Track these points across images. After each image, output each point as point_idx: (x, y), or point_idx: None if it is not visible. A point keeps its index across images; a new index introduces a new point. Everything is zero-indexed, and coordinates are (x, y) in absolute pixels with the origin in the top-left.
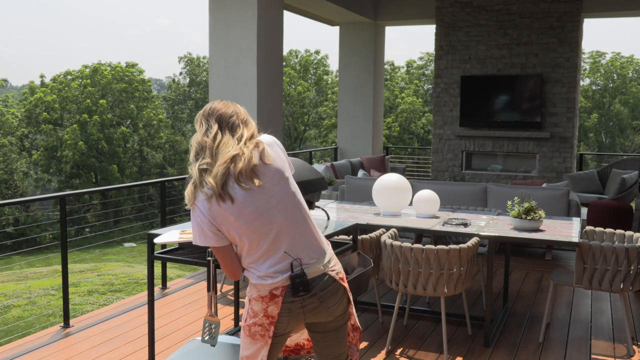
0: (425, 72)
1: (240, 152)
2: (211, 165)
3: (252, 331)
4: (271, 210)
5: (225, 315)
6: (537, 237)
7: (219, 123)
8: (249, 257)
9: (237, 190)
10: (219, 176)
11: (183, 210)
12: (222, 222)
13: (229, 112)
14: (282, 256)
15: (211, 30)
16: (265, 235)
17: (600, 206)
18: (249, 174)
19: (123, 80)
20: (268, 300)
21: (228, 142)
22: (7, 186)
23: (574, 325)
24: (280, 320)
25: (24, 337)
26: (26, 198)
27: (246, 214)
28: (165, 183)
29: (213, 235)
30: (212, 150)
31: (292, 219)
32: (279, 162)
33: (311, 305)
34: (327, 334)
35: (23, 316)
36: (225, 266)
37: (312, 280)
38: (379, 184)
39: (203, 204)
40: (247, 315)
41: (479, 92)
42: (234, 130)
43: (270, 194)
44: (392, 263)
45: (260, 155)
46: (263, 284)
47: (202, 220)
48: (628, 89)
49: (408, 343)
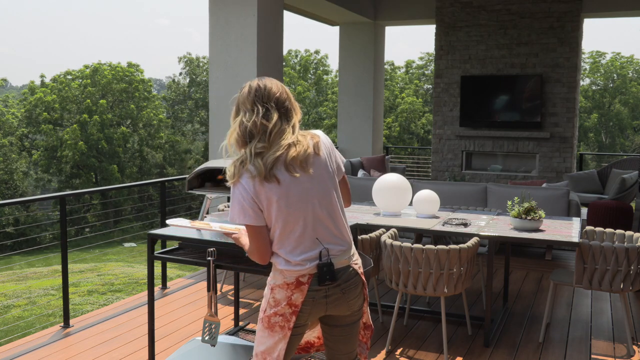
0: (425, 72)
1: (296, 140)
2: (266, 149)
3: (272, 322)
4: (310, 198)
5: (225, 315)
6: (537, 237)
7: (277, 108)
8: (280, 242)
9: (284, 174)
10: (270, 161)
11: (183, 210)
12: (264, 199)
13: (283, 97)
14: (312, 244)
15: (211, 30)
16: (300, 220)
17: (600, 206)
18: (302, 162)
19: (123, 80)
20: (294, 288)
21: (285, 129)
22: (7, 186)
23: (574, 325)
24: (302, 310)
25: (24, 337)
26: (26, 198)
27: (289, 196)
28: (165, 183)
29: (253, 214)
30: (271, 136)
31: (327, 210)
32: (327, 155)
33: (334, 295)
34: (342, 328)
35: (23, 316)
36: (257, 248)
37: (337, 271)
38: (379, 184)
39: (247, 181)
40: (267, 305)
41: (479, 92)
42: (288, 115)
43: (314, 182)
44: (392, 263)
45: (315, 146)
46: (291, 270)
47: (244, 197)
48: (628, 89)
49: (408, 343)
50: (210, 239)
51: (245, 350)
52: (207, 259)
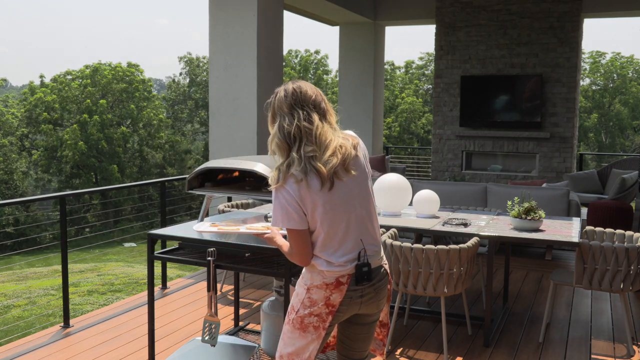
0: (425, 72)
1: (341, 144)
2: (316, 152)
3: (306, 323)
4: (352, 200)
5: (225, 315)
6: (537, 237)
7: (316, 110)
8: (323, 245)
9: (334, 179)
10: (332, 166)
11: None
12: (309, 204)
13: (319, 99)
14: (353, 245)
15: (211, 30)
16: (343, 222)
17: (600, 206)
18: (347, 166)
19: (123, 80)
20: (333, 288)
21: (328, 132)
22: (7, 186)
23: (574, 325)
24: (339, 310)
25: (24, 337)
26: (26, 198)
27: (334, 199)
28: (165, 183)
29: (298, 218)
30: (317, 138)
31: (366, 211)
32: (363, 157)
33: (368, 295)
34: (364, 326)
35: (23, 316)
36: (300, 251)
37: (373, 271)
38: (379, 184)
39: (292, 186)
40: (302, 306)
41: (479, 92)
42: (326, 117)
43: (355, 184)
44: (392, 263)
45: (354, 147)
46: (332, 271)
47: (289, 202)
48: (628, 89)
49: (408, 343)
50: (210, 239)
51: (245, 350)
52: (207, 259)
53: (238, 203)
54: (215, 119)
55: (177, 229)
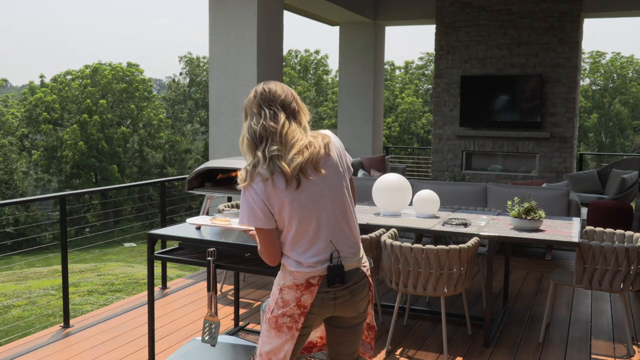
0: (425, 72)
1: (309, 142)
2: (282, 151)
3: (279, 323)
4: (323, 198)
5: (225, 315)
6: (537, 237)
7: (284, 110)
8: (293, 244)
9: (300, 177)
10: (296, 164)
11: (183, 210)
12: (276, 203)
13: (289, 98)
14: (324, 246)
15: (211, 30)
16: (313, 222)
17: (600, 206)
18: (315, 165)
19: (123, 80)
20: (303, 289)
21: (295, 131)
22: (7, 186)
23: (574, 325)
24: (311, 311)
25: (24, 337)
26: (26, 198)
27: (301, 198)
28: (165, 183)
29: (263, 217)
30: (282, 137)
31: (339, 211)
32: (337, 155)
33: (343, 297)
34: (346, 330)
35: (23, 316)
36: (267, 251)
37: (347, 273)
38: (379, 184)
39: (259, 185)
40: (275, 306)
41: (479, 92)
42: (296, 117)
43: (326, 183)
44: (392, 263)
45: (326, 146)
46: (302, 272)
47: (255, 200)
48: (628, 89)
49: (408, 343)
50: (210, 239)
51: (245, 350)
52: (207, 259)
53: (238, 203)
54: (215, 119)
55: (177, 229)
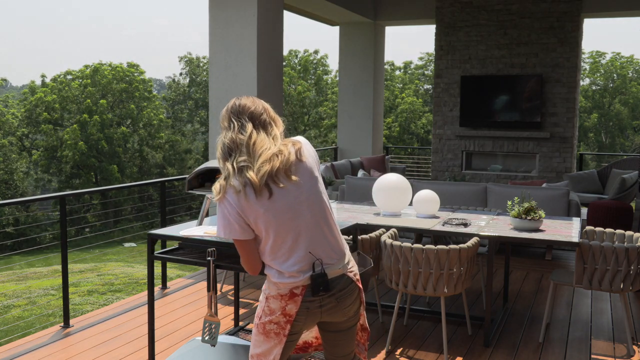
0: (425, 72)
1: (278, 150)
2: (250, 162)
3: (267, 329)
4: (299, 206)
5: (225, 315)
6: (537, 237)
7: (252, 121)
8: (272, 254)
9: (272, 186)
10: (264, 172)
11: (183, 210)
12: (251, 214)
13: (259, 110)
14: (304, 255)
15: (211, 30)
16: (291, 230)
17: (600, 206)
18: (287, 172)
19: (123, 80)
20: (287, 299)
21: (264, 141)
22: (7, 186)
23: (574, 325)
24: (297, 319)
25: (24, 337)
26: (26, 198)
27: (276, 207)
28: (165, 183)
29: (239, 228)
30: (250, 148)
31: (318, 217)
32: (311, 161)
33: (329, 305)
34: (339, 333)
35: (23, 316)
36: (247, 261)
37: (331, 280)
38: (379, 184)
39: (232, 197)
40: (263, 313)
41: (479, 92)
42: (267, 128)
43: (301, 190)
44: (392, 263)
45: (297, 152)
46: (284, 282)
47: (230, 212)
48: (628, 89)
49: (408, 343)
50: (210, 239)
51: (245, 350)
52: (207, 259)
53: None
54: (215, 119)
55: (177, 229)
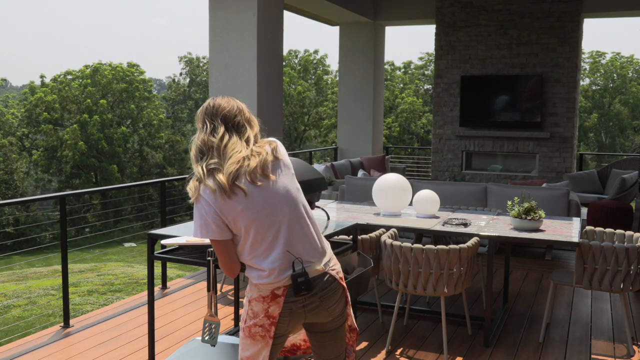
0: (425, 72)
1: (251, 153)
2: (220, 164)
3: (252, 332)
4: (278, 203)
5: (225, 315)
6: (537, 237)
7: (224, 123)
8: (252, 252)
9: (248, 185)
10: (231, 174)
11: (183, 210)
12: (229, 212)
13: (233, 112)
14: (283, 254)
15: (211, 30)
16: (270, 227)
17: (600, 206)
18: (263, 170)
19: (123, 80)
20: (270, 300)
21: (236, 144)
22: (7, 186)
23: (574, 325)
24: (281, 321)
25: (24, 337)
26: (26, 198)
27: (254, 204)
28: (165, 183)
29: (216, 228)
30: (220, 151)
31: (296, 214)
32: (287, 159)
33: (312, 304)
34: (325, 334)
35: (23, 316)
36: (224, 262)
37: (313, 279)
38: (379, 184)
39: (209, 196)
40: (247, 317)
41: (479, 92)
42: (240, 130)
43: (278, 186)
44: (392, 263)
45: (273, 150)
46: (265, 283)
47: (207, 212)
48: (628, 89)
49: (408, 343)
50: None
51: None
52: (207, 259)
53: None
54: None
55: (177, 229)
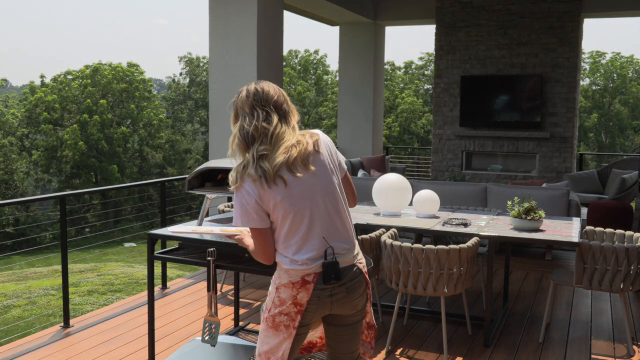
0: (425, 72)
1: (296, 141)
2: (269, 151)
3: (277, 321)
4: (314, 196)
5: (225, 315)
6: (537, 237)
7: (276, 111)
8: (286, 241)
9: (288, 175)
10: (277, 163)
11: (183, 210)
12: (269, 202)
13: (281, 99)
14: (318, 242)
15: (211, 30)
16: (305, 218)
17: (600, 206)
18: (303, 161)
19: (123, 80)
20: (299, 287)
21: (286, 131)
22: (7, 186)
23: (574, 325)
24: (308, 309)
25: (24, 337)
26: (26, 198)
27: (293, 195)
28: (165, 183)
29: (257, 217)
30: (272, 138)
31: (331, 207)
32: (327, 154)
33: (339, 294)
34: (345, 328)
35: (23, 316)
36: (262, 250)
37: (342, 270)
38: (379, 184)
39: (250, 185)
40: (272, 305)
41: (479, 92)
42: (287, 117)
43: (316, 179)
44: (392, 263)
45: (314, 144)
46: (296, 269)
47: (248, 202)
48: (628, 89)
49: (408, 343)
50: (210, 239)
51: (245, 350)
52: (207, 259)
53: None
54: (215, 119)
55: (177, 229)
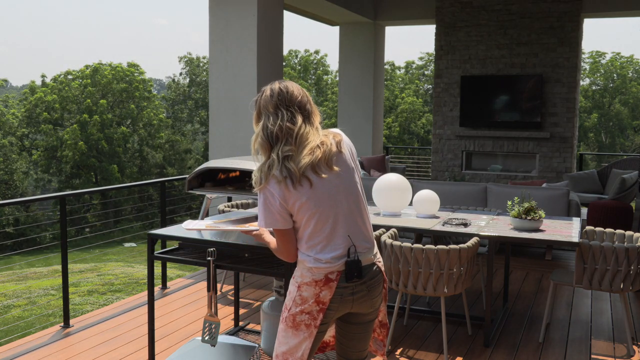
0: (425, 72)
1: (321, 142)
2: (294, 152)
3: (297, 321)
4: (338, 195)
5: (225, 315)
6: (537, 237)
7: (301, 111)
8: (310, 240)
9: (313, 176)
10: (304, 164)
11: (183, 210)
12: (294, 203)
13: (304, 99)
14: (342, 241)
15: (211, 30)
16: (330, 218)
17: (600, 206)
18: (328, 162)
19: (123, 80)
20: (322, 285)
21: (310, 131)
22: (7, 186)
23: (574, 325)
24: (330, 307)
25: (24, 337)
26: (26, 198)
27: (317, 195)
28: (165, 183)
29: (280, 218)
30: (297, 139)
31: (354, 207)
32: (349, 154)
33: (360, 293)
34: (360, 326)
35: (23, 316)
36: (286, 248)
37: (364, 268)
38: (379, 184)
39: (274, 186)
40: (293, 304)
41: (479, 92)
42: (310, 118)
43: (339, 180)
44: (392, 263)
45: (337, 144)
46: (320, 267)
47: (272, 203)
48: (628, 89)
49: (408, 343)
50: (210, 239)
51: (245, 350)
52: (207, 259)
53: (238, 203)
54: (215, 119)
55: (177, 229)
